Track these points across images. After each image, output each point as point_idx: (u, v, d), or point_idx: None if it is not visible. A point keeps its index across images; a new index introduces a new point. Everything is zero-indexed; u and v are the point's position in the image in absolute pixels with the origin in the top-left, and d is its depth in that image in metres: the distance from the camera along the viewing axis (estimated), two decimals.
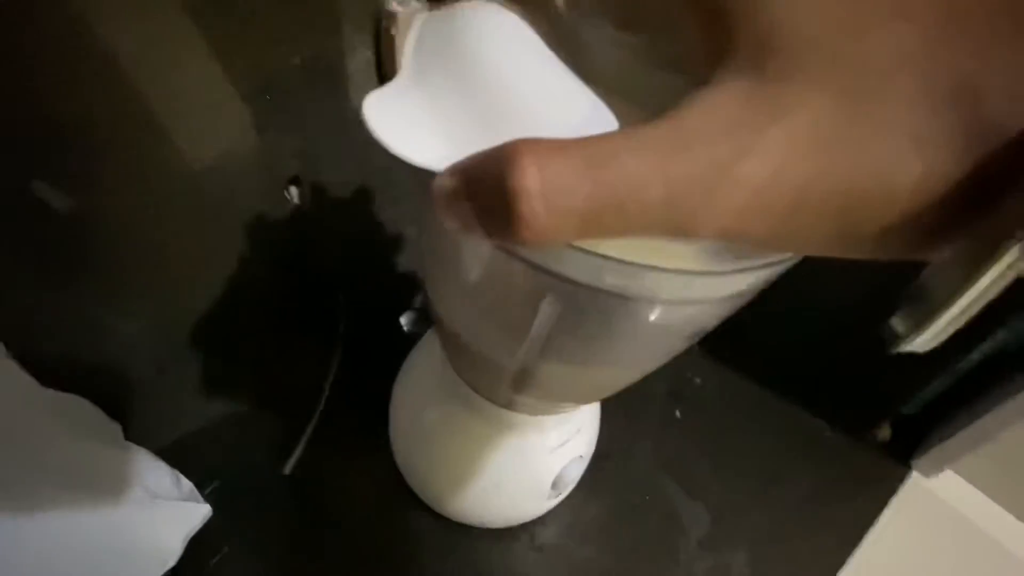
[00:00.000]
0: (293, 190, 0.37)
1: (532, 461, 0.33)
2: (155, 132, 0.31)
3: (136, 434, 0.36)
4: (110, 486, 0.31)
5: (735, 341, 0.48)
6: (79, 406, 0.31)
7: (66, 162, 0.29)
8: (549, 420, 0.31)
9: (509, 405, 0.28)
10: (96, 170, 0.30)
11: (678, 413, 0.47)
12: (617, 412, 0.43)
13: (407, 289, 0.47)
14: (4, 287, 0.30)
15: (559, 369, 0.22)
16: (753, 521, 0.41)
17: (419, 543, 0.39)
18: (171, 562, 0.33)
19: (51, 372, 0.31)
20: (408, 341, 0.41)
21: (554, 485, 0.34)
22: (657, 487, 0.42)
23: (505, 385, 0.24)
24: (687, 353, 0.52)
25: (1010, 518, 0.42)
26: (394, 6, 0.28)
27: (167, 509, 0.33)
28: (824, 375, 0.46)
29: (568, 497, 0.41)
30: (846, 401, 0.45)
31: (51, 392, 0.30)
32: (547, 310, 0.17)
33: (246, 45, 0.31)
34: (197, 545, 0.34)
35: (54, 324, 0.33)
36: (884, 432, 0.45)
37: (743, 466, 0.44)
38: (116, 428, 0.34)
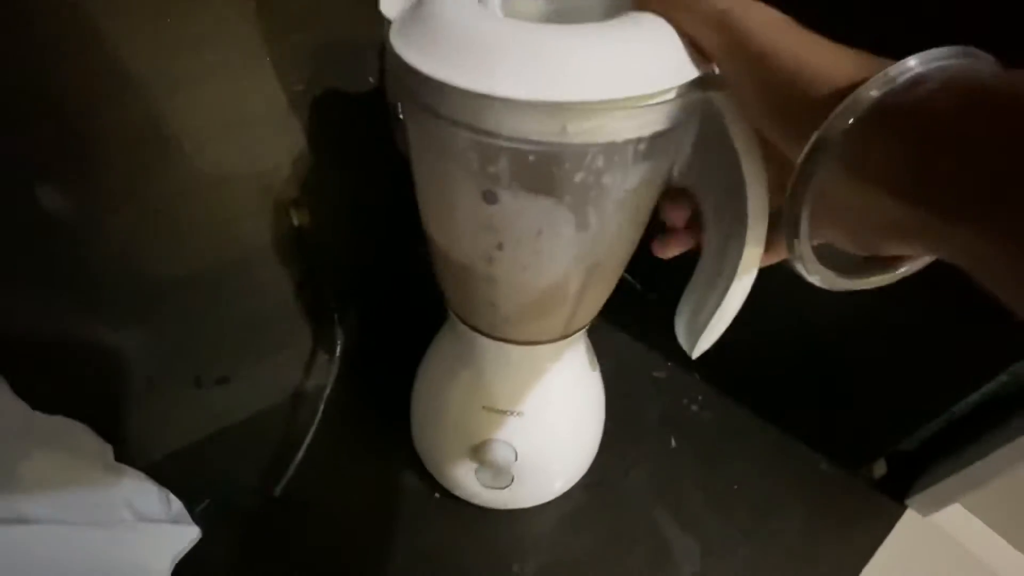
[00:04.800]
0: (293, 211, 0.37)
1: None
2: (155, 151, 0.31)
3: (126, 451, 0.36)
4: (98, 509, 0.31)
5: (733, 370, 0.48)
6: (69, 428, 0.32)
7: (67, 176, 0.29)
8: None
9: (494, 331, 0.29)
10: (96, 185, 0.30)
11: (673, 441, 0.47)
12: (612, 439, 0.42)
13: (404, 310, 0.47)
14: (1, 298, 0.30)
15: (520, 265, 0.24)
16: (745, 556, 0.40)
17: (412, 544, 0.39)
18: None
19: (42, 389, 0.31)
20: (410, 361, 0.41)
21: None
22: (649, 517, 0.42)
23: (485, 300, 0.26)
24: (684, 380, 0.52)
25: (1011, 551, 0.42)
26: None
27: (155, 532, 0.33)
28: (822, 408, 0.46)
29: (559, 524, 0.41)
30: (843, 435, 0.45)
31: (40, 415, 0.30)
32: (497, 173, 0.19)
33: (257, 70, 0.31)
34: (184, 567, 0.34)
35: (51, 339, 0.33)
36: (879, 468, 0.44)
37: (737, 498, 0.43)
38: (107, 449, 0.34)
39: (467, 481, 0.37)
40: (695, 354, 0.26)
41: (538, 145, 0.17)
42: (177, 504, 0.36)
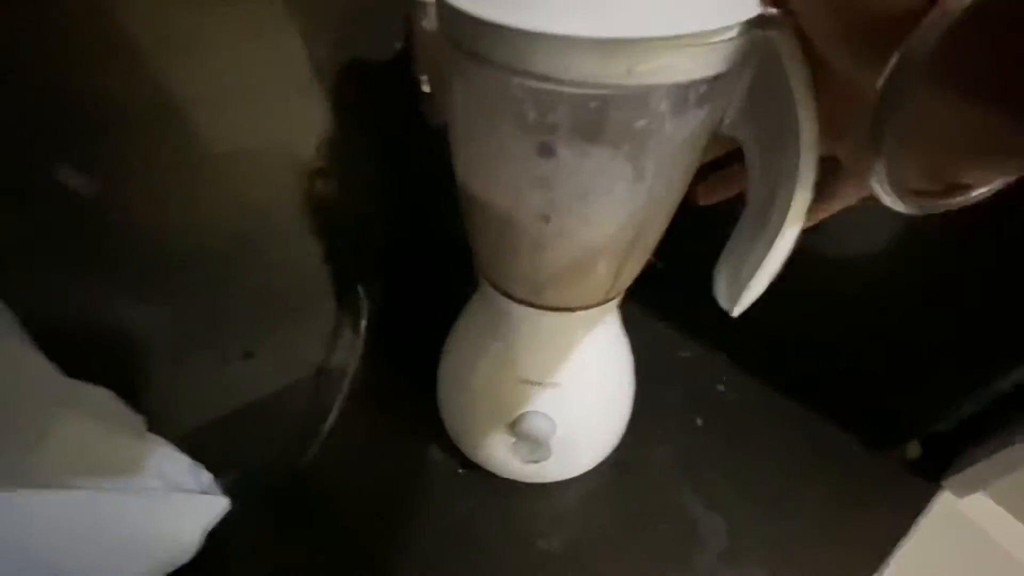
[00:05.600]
0: (318, 181, 0.36)
1: None
2: (178, 121, 0.30)
3: (155, 423, 0.36)
4: (131, 477, 0.31)
5: (760, 348, 0.48)
6: (103, 397, 0.31)
7: (93, 148, 0.29)
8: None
9: (532, 296, 0.28)
10: (120, 159, 0.30)
11: (699, 421, 0.46)
12: (637, 418, 0.42)
13: (430, 281, 0.47)
14: (29, 275, 0.30)
15: (571, 221, 0.23)
16: (774, 536, 0.40)
17: (440, 518, 0.39)
18: (189, 554, 0.33)
19: (73, 361, 0.31)
20: (435, 334, 0.41)
21: None
22: (675, 496, 0.42)
23: (528, 263, 0.26)
24: (710, 359, 0.51)
25: None
26: None
27: (186, 502, 0.33)
28: (853, 386, 0.45)
29: (585, 500, 0.41)
30: (875, 415, 0.44)
31: (76, 382, 0.30)
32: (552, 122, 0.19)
33: (277, 36, 0.31)
34: (213, 538, 0.34)
35: (76, 313, 0.33)
36: (913, 449, 0.44)
37: (765, 478, 0.43)
38: (139, 419, 0.33)
39: (497, 455, 0.37)
40: (736, 311, 0.25)
41: (602, 89, 0.17)
42: (207, 475, 0.36)
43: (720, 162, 0.26)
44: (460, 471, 0.41)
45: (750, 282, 0.23)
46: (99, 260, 0.33)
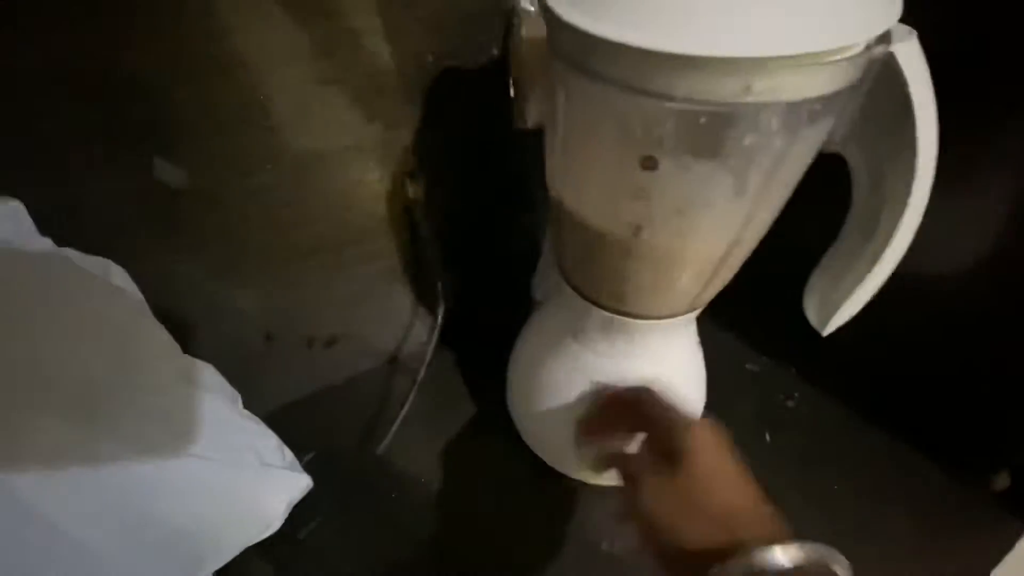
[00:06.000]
0: (409, 183, 0.38)
1: None
2: (287, 118, 0.32)
3: (244, 401, 0.39)
4: (229, 450, 0.34)
5: (835, 360, 0.46)
6: (209, 373, 0.34)
7: (197, 147, 0.31)
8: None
9: (616, 304, 0.29)
10: (233, 154, 0.32)
11: (767, 437, 0.45)
12: None
13: (505, 281, 0.48)
14: (139, 256, 0.33)
15: (667, 234, 0.23)
16: None
17: (507, 512, 0.40)
18: (275, 526, 0.35)
19: (176, 339, 0.34)
20: (505, 334, 0.42)
21: None
22: None
23: (616, 273, 0.26)
24: (779, 372, 0.50)
25: None
26: (527, 6, 0.28)
27: (275, 477, 0.35)
28: (937, 408, 0.43)
29: None
30: (961, 441, 0.42)
31: (190, 359, 0.32)
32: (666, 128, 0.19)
33: (382, 35, 0.32)
34: (291, 515, 0.36)
35: (179, 294, 0.36)
36: (1003, 479, 0.41)
37: (837, 503, 0.41)
38: (237, 396, 0.36)
39: (565, 456, 0.37)
40: (827, 331, 0.25)
41: (716, 106, 0.17)
42: (289, 454, 0.38)
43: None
44: (529, 467, 0.42)
45: (846, 301, 0.23)
46: (205, 250, 0.36)
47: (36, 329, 0.25)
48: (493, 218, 0.44)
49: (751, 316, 0.49)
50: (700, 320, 0.36)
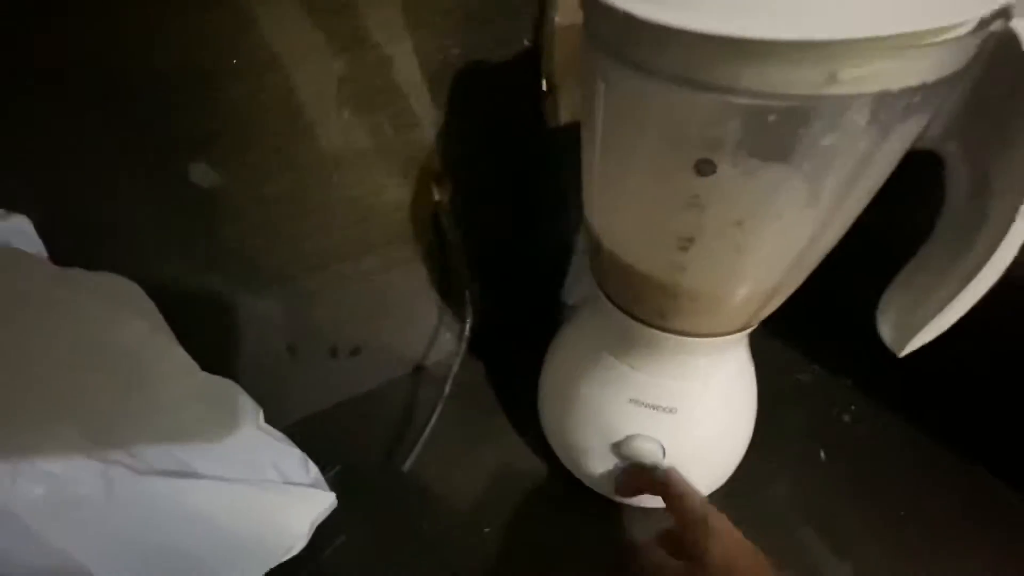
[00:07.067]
0: (435, 187, 0.36)
1: None
2: (305, 122, 0.31)
3: (265, 414, 0.38)
4: (249, 467, 0.32)
5: (896, 372, 0.42)
6: (228, 388, 0.33)
7: (222, 152, 0.30)
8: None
9: (660, 321, 0.26)
10: (254, 159, 0.31)
11: (823, 454, 0.42)
12: (752, 445, 0.38)
13: (534, 290, 0.45)
14: (157, 270, 0.32)
15: (721, 250, 0.21)
16: None
17: (538, 532, 0.38)
18: (298, 547, 0.34)
19: (196, 351, 0.33)
20: (536, 341, 0.40)
21: None
22: (794, 539, 0.38)
23: (661, 291, 0.24)
24: (833, 385, 0.46)
25: None
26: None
27: (298, 495, 0.34)
28: (1012, 426, 0.39)
29: None
30: None
31: (208, 376, 0.31)
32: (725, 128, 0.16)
33: (394, 35, 0.30)
34: (315, 533, 0.35)
35: (199, 304, 0.35)
36: None
37: (902, 527, 0.38)
38: (258, 411, 0.35)
39: (597, 473, 0.35)
40: (904, 352, 0.22)
41: (791, 100, 0.14)
42: (314, 469, 0.37)
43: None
44: (561, 483, 0.39)
45: (930, 322, 0.20)
46: (226, 256, 0.34)
47: (45, 349, 0.24)
48: (523, 221, 0.42)
49: (802, 320, 0.45)
50: None
